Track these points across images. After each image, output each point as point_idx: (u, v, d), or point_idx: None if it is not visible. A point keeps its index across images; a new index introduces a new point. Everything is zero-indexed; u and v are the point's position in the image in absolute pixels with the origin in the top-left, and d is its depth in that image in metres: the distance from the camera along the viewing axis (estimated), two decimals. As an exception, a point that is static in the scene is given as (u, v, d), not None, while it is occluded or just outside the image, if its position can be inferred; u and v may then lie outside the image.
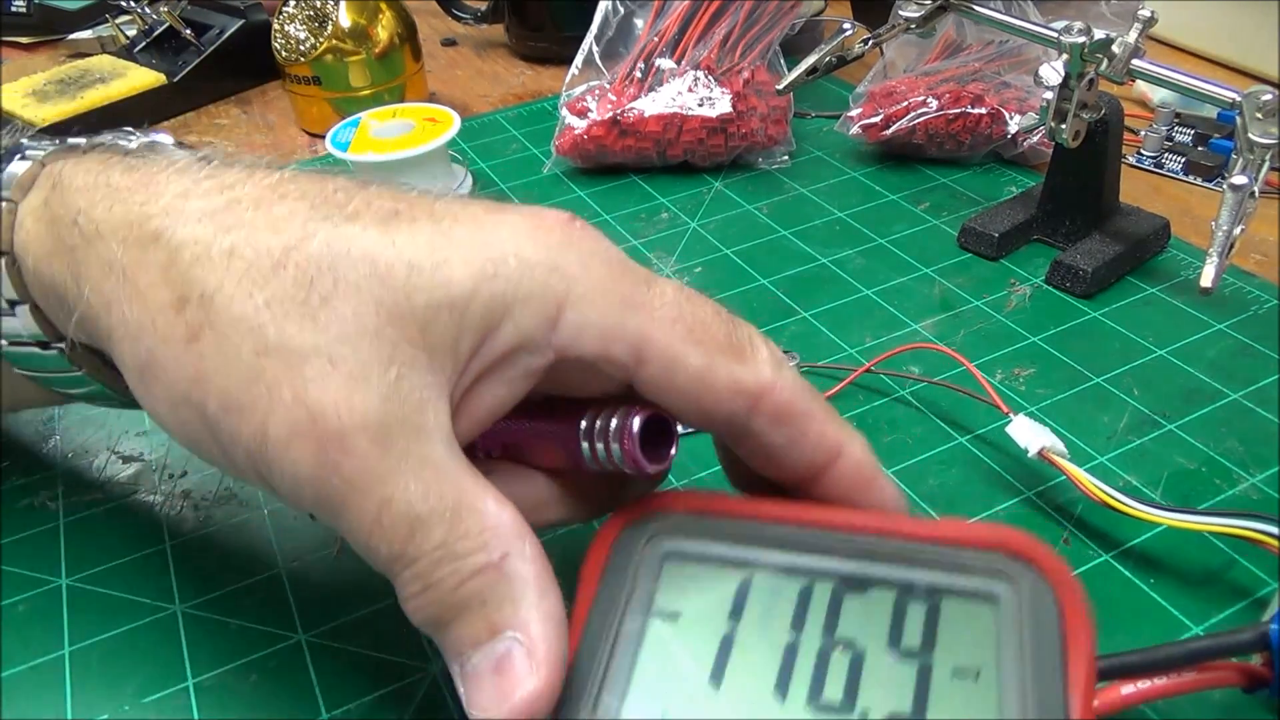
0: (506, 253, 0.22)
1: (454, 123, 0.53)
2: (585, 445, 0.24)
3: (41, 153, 0.27)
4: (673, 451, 0.25)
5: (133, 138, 0.28)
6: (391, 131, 0.53)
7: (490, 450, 0.26)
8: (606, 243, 0.24)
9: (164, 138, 0.29)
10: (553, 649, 0.21)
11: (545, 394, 0.24)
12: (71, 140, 0.28)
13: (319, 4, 0.60)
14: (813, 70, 0.47)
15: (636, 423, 0.23)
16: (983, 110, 0.51)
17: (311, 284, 0.21)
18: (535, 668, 0.21)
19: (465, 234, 0.23)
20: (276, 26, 0.61)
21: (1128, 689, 0.23)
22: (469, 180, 0.55)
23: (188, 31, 0.68)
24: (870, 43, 0.48)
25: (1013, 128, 0.51)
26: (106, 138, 0.28)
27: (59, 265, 0.25)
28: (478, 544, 0.21)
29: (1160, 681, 0.23)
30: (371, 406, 0.21)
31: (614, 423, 0.23)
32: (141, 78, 0.65)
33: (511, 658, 0.21)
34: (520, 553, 0.21)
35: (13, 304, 0.27)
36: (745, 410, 0.23)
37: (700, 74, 0.53)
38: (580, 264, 0.23)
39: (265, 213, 0.23)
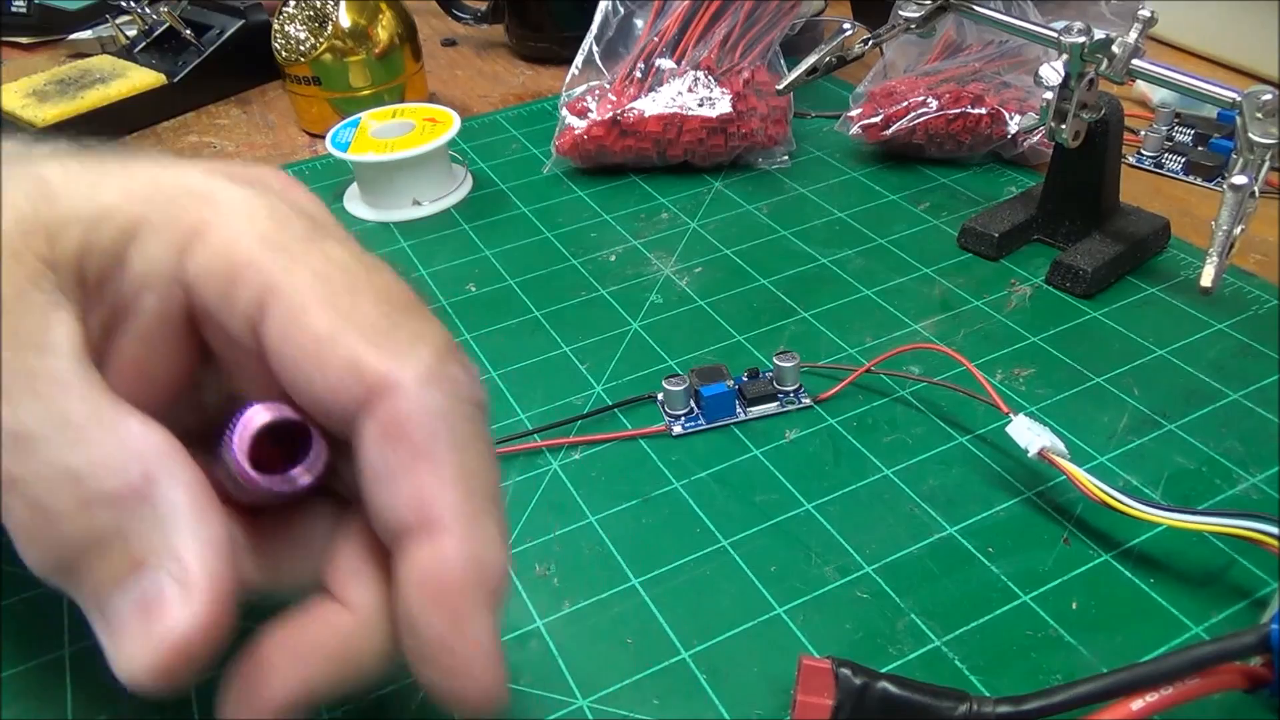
0: (166, 182, 0.20)
1: (454, 123, 0.53)
2: (224, 456, 0.19)
3: None
4: (310, 465, 0.19)
5: None
6: (391, 132, 0.53)
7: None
8: (305, 198, 0.21)
9: None
10: (215, 577, 0.17)
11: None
12: None
13: (319, 4, 0.60)
14: (813, 70, 0.47)
15: (257, 418, 0.18)
16: (983, 110, 0.51)
17: None
18: (191, 599, 0.17)
19: (143, 167, 0.20)
20: (276, 26, 0.61)
21: (1137, 704, 0.23)
22: (469, 180, 0.55)
23: (188, 32, 0.68)
24: (870, 43, 0.48)
25: (1013, 128, 0.51)
26: None
27: None
28: (113, 466, 0.17)
29: (1167, 692, 0.23)
30: None
31: (237, 420, 0.19)
32: (141, 78, 0.65)
33: (161, 592, 0.17)
34: (172, 476, 0.18)
35: None
36: (356, 405, 0.18)
37: (700, 74, 0.53)
38: (243, 201, 0.19)
39: None
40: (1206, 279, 0.35)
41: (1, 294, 0.18)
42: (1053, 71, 0.41)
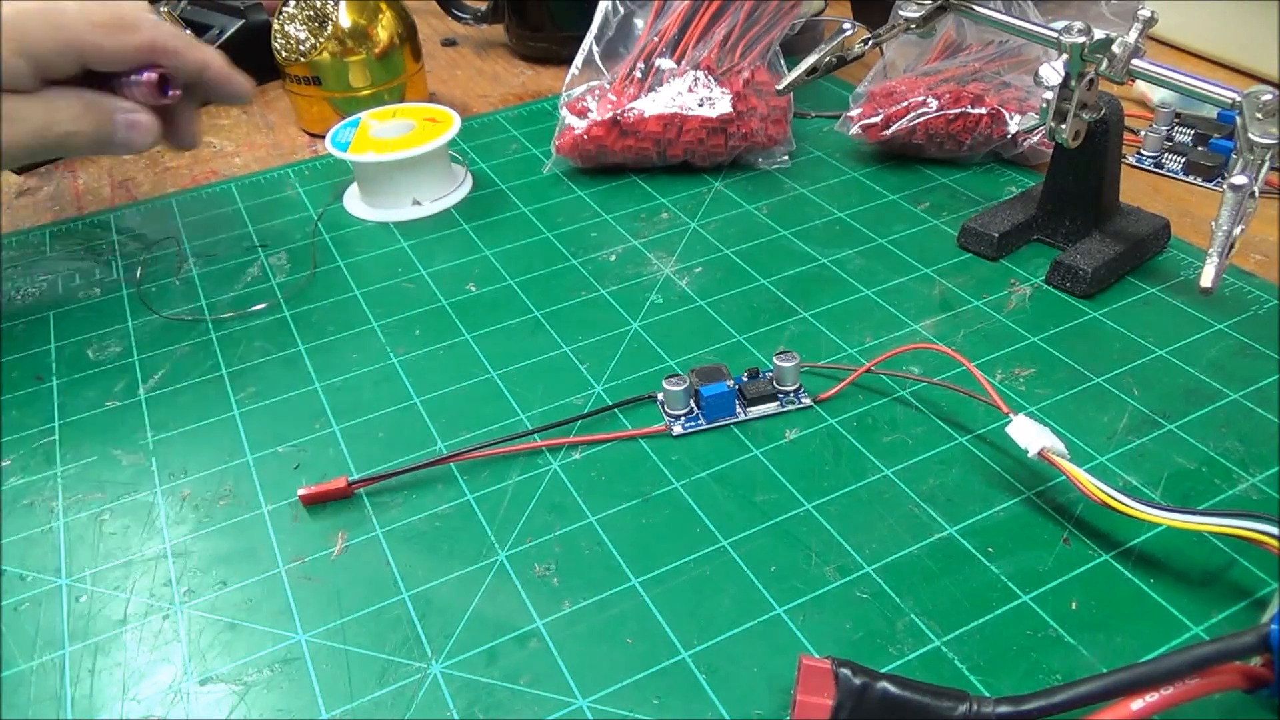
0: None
1: (454, 123, 0.53)
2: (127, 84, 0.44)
3: None
4: (173, 87, 0.45)
5: None
6: (392, 131, 0.53)
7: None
8: None
9: None
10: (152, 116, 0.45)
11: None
12: None
13: (319, 4, 0.60)
14: (813, 70, 0.47)
15: (153, 70, 0.44)
16: (983, 110, 0.51)
17: None
18: (146, 123, 0.45)
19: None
20: (276, 26, 0.61)
21: (1137, 704, 0.23)
22: (469, 180, 0.55)
23: (187, 32, 0.68)
24: (870, 43, 0.48)
25: (1013, 128, 0.51)
26: None
27: None
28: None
29: (1167, 692, 0.23)
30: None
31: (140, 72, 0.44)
32: (141, 78, 0.65)
33: (135, 118, 0.44)
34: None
35: None
36: (145, 54, 0.44)
37: (700, 74, 0.53)
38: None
39: None
40: (1206, 279, 0.35)
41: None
42: (1053, 71, 0.41)
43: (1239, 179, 0.35)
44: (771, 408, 0.37)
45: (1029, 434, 0.32)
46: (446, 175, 0.54)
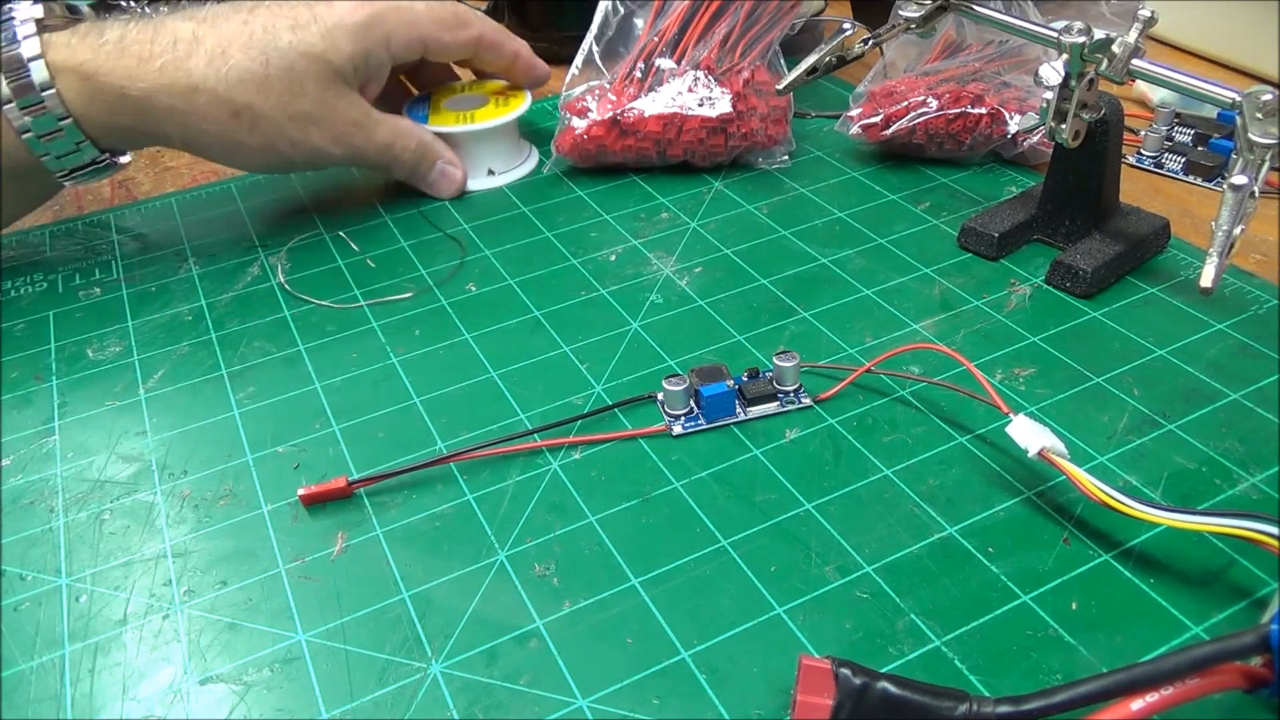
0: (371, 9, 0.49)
1: (525, 98, 0.55)
2: None
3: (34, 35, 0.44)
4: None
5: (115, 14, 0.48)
6: (465, 104, 0.55)
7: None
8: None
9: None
10: (458, 162, 0.53)
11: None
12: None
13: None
14: (813, 70, 0.47)
15: None
16: (983, 110, 0.51)
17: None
18: (456, 167, 0.53)
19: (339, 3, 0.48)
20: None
21: (1137, 704, 0.23)
22: (534, 154, 0.57)
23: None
24: (870, 43, 0.48)
25: (1013, 128, 0.51)
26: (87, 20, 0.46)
27: (117, 120, 0.45)
28: (413, 134, 0.51)
29: (1167, 692, 0.23)
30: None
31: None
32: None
33: (446, 167, 0.53)
34: (424, 131, 0.52)
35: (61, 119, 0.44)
36: (473, 47, 0.52)
37: (700, 74, 0.53)
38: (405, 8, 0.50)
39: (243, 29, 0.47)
40: (1206, 279, 0.35)
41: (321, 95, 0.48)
42: (1053, 71, 0.41)
43: (1239, 179, 0.35)
44: (771, 408, 0.37)
45: (1029, 434, 0.32)
46: (518, 147, 0.56)
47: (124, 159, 0.48)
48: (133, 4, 0.69)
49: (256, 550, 0.33)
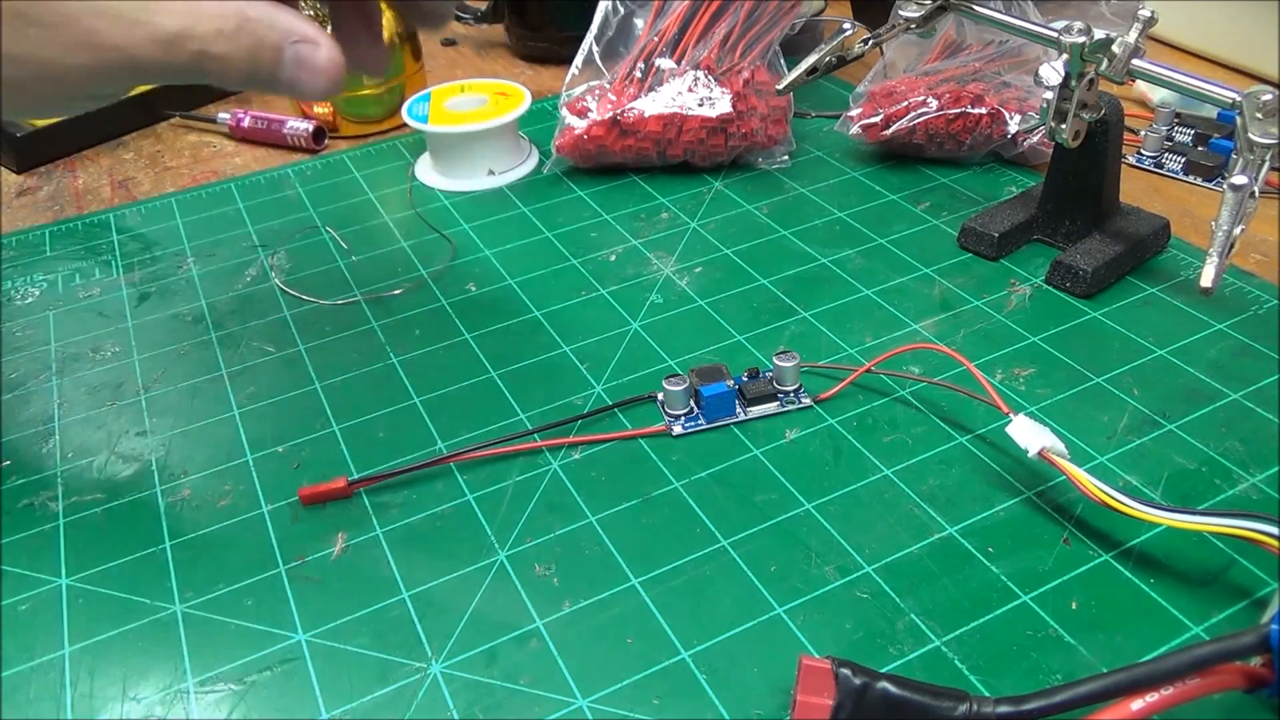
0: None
1: (525, 98, 0.55)
2: None
3: None
4: None
5: None
6: (465, 105, 0.55)
7: None
8: None
9: None
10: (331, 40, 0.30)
11: None
12: None
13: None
14: (813, 70, 0.47)
15: None
16: (983, 110, 0.51)
17: None
18: (323, 45, 0.30)
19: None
20: (277, 26, 0.60)
21: (1137, 704, 0.23)
22: (534, 153, 0.57)
23: None
24: (870, 43, 0.48)
25: (1013, 128, 0.51)
26: None
27: None
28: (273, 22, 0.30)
29: (1167, 692, 0.23)
30: None
31: None
32: (142, 77, 0.65)
33: (303, 50, 0.30)
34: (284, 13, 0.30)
35: None
36: None
37: (700, 74, 0.53)
38: None
39: None
40: (1206, 279, 0.35)
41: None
42: (1053, 71, 0.41)
43: (1239, 179, 0.35)
44: (771, 408, 0.37)
45: (1029, 434, 0.32)
46: (518, 147, 0.56)
47: None
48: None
49: (257, 550, 0.33)
